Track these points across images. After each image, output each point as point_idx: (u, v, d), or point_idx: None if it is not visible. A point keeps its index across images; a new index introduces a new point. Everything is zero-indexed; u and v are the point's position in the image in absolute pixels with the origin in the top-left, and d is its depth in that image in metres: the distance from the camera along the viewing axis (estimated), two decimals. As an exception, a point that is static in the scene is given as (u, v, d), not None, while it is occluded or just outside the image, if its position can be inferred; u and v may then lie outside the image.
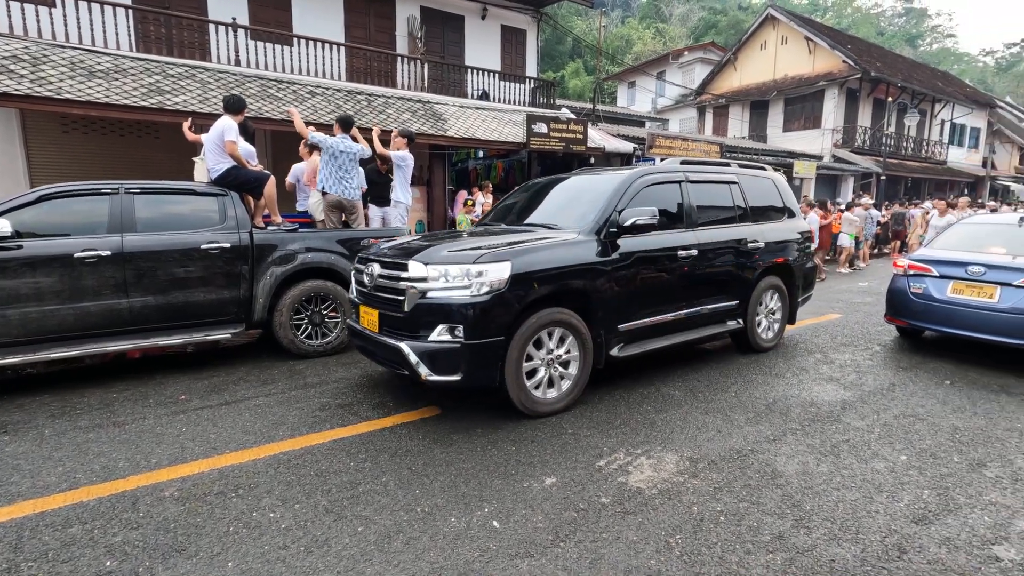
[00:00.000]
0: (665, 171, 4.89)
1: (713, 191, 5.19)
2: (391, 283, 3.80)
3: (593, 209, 4.27)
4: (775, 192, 5.87)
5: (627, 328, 4.25)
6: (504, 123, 13.08)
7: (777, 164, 18.44)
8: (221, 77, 10.15)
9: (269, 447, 3.40)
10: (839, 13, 53.70)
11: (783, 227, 5.70)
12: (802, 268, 5.89)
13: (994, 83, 49.65)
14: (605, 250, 4.08)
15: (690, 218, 4.82)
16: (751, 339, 5.38)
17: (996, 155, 31.06)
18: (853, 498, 2.88)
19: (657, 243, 4.45)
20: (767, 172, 5.94)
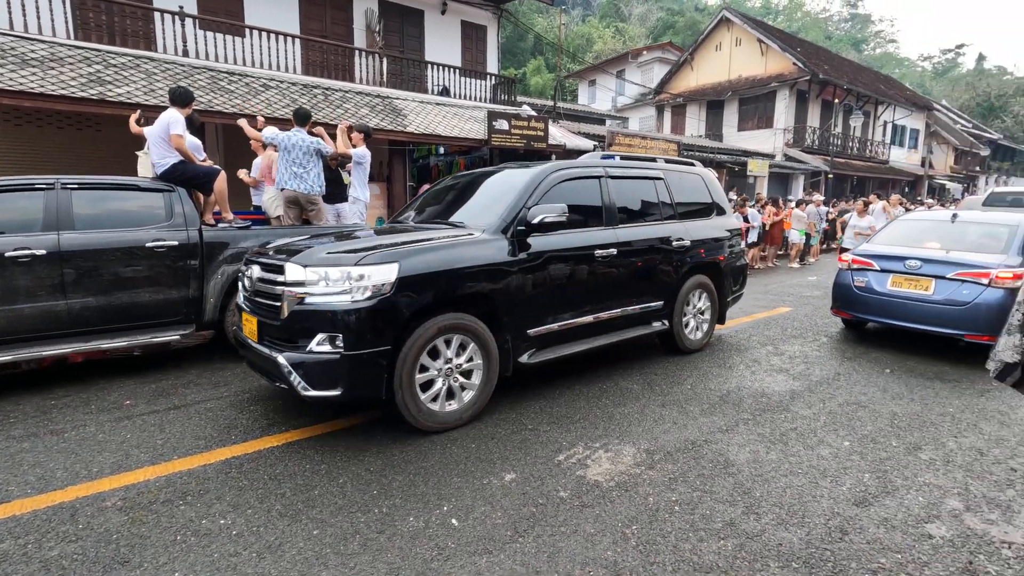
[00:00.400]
0: (582, 166, 4.69)
1: (636, 187, 4.99)
2: (269, 287, 3.48)
3: (501, 206, 4.00)
4: (703, 188, 5.71)
5: (538, 333, 4.00)
6: (465, 119, 13.02)
7: (733, 163, 19.02)
8: (168, 68, 9.74)
9: (220, 452, 3.29)
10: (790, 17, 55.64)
11: (711, 225, 5.56)
12: (732, 267, 5.76)
13: (931, 87, 52.43)
14: (513, 250, 3.81)
15: (610, 215, 4.60)
16: (678, 340, 5.22)
17: (933, 155, 32.86)
18: (800, 483, 3.00)
19: (572, 242, 4.22)
20: (695, 168, 5.82)
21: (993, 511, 2.78)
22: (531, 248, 3.92)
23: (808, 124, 23.98)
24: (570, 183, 4.41)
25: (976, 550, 2.47)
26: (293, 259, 3.37)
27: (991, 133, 38.78)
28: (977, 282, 5.06)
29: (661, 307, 4.99)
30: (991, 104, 44.83)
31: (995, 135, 38.98)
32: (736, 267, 5.87)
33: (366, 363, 3.21)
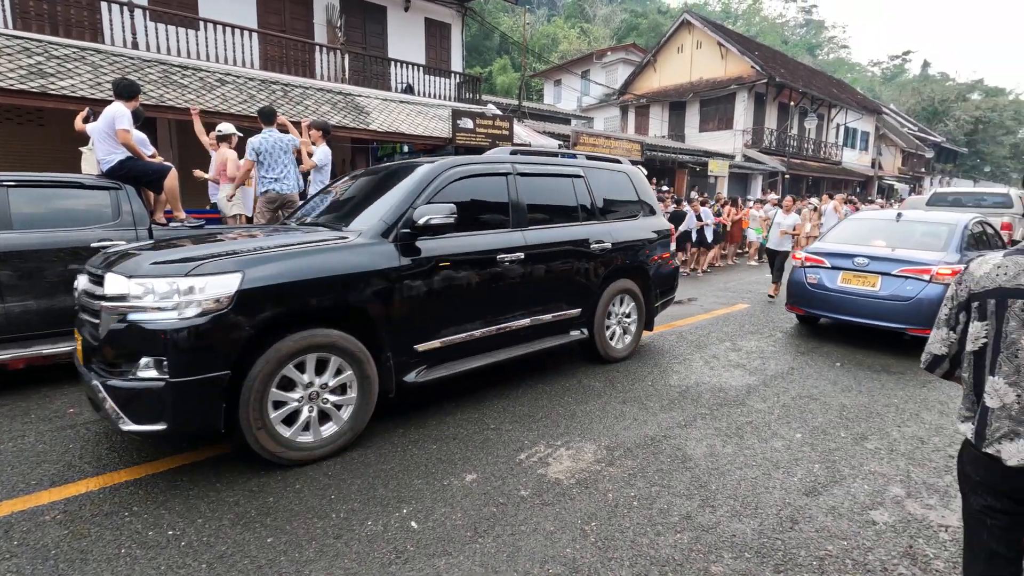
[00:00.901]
0: (485, 162, 4.28)
1: (551, 185, 4.66)
2: (92, 301, 3.00)
3: (386, 207, 3.61)
4: (629, 187, 5.38)
5: (428, 348, 3.61)
6: (429, 117, 12.91)
7: (694, 163, 19.43)
8: (116, 60, 9.33)
9: (170, 460, 3.17)
10: (748, 21, 57.17)
11: (637, 226, 5.25)
12: (660, 271, 5.45)
13: (880, 91, 54.70)
14: (396, 255, 3.40)
15: (518, 216, 4.22)
16: (600, 349, 4.91)
17: (882, 157, 34.33)
18: (753, 476, 3.09)
19: (470, 246, 3.84)
20: (621, 165, 5.48)
21: (932, 496, 2.92)
22: (421, 253, 3.52)
23: (766, 126, 24.70)
24: (469, 181, 4.03)
25: (916, 534, 2.59)
26: (114, 269, 2.90)
27: (935, 136, 40.75)
28: (919, 278, 5.31)
29: (579, 315, 4.65)
30: (935, 109, 47.11)
31: (939, 138, 40.98)
32: (665, 271, 5.56)
33: (197, 391, 2.75)
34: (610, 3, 50.12)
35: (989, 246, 6.12)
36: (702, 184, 19.77)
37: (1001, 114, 45.76)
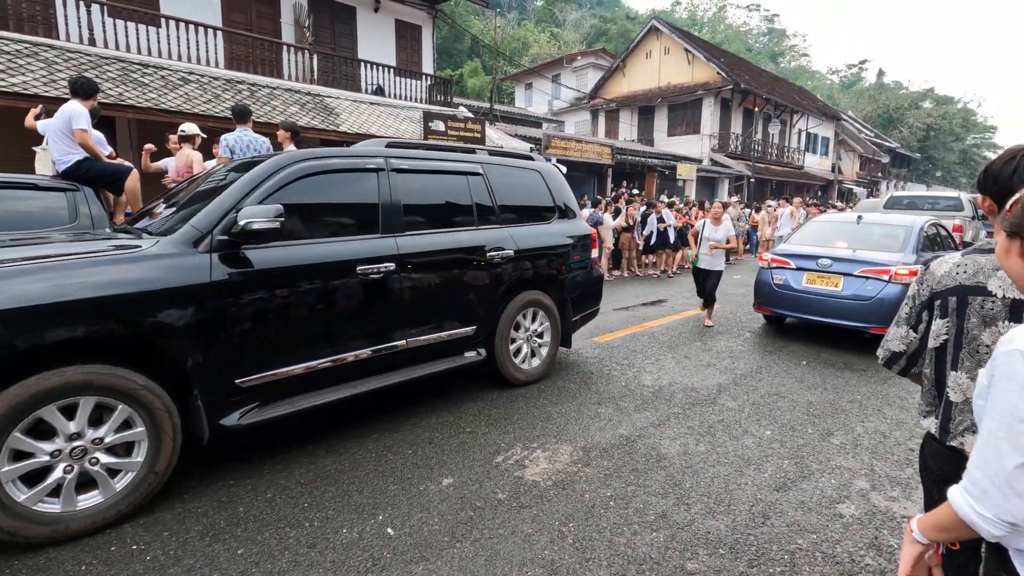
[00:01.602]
0: (349, 155, 3.63)
1: (438, 184, 4.07)
2: None
3: (204, 208, 2.97)
4: (542, 188, 4.82)
5: (258, 383, 2.95)
6: (401, 119, 12.81)
7: (663, 166, 19.76)
8: (71, 57, 8.97)
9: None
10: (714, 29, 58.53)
11: (549, 231, 4.71)
12: (578, 280, 4.92)
13: (839, 99, 56.68)
14: (206, 269, 2.75)
15: (391, 220, 3.59)
16: (503, 371, 4.36)
17: (842, 161, 35.57)
18: (726, 473, 3.15)
19: (319, 255, 3.21)
20: (533, 163, 4.95)
21: (895, 488, 3.03)
22: (250, 265, 2.91)
23: (732, 131, 25.30)
24: (324, 177, 3.38)
25: (881, 526, 2.67)
26: None
27: (890, 142, 42.43)
28: (879, 279, 5.51)
29: (474, 333, 4.08)
30: (890, 116, 49.07)
31: (894, 144, 42.68)
32: (586, 281, 5.03)
33: None
34: (580, 8, 50.68)
35: (942, 247, 6.39)
36: (671, 187, 20.12)
37: (951, 122, 47.96)
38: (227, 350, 2.84)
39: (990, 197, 1.47)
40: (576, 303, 4.94)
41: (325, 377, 3.27)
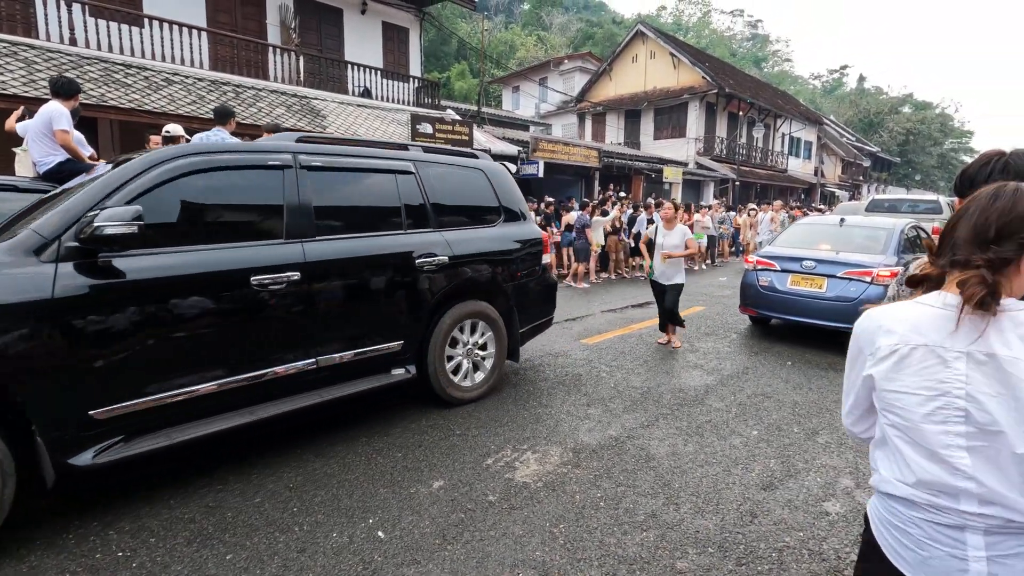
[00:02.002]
0: (248, 151, 3.22)
1: (359, 184, 3.68)
2: None
3: (54, 211, 2.59)
4: (486, 187, 4.46)
5: (118, 414, 2.56)
6: (388, 122, 12.77)
7: (650, 170, 19.91)
8: (52, 57, 8.83)
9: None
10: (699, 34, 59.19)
11: (493, 235, 4.34)
12: (527, 288, 4.55)
13: (821, 103, 57.56)
14: (48, 281, 2.36)
15: (298, 224, 3.21)
16: (437, 389, 3.96)
17: (824, 165, 36.12)
18: (714, 473, 3.18)
19: (204, 264, 2.82)
20: (476, 160, 4.55)
21: (879, 486, 3.08)
22: (117, 276, 2.54)
23: (717, 134, 25.58)
24: (213, 176, 2.98)
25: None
26: None
27: (871, 146, 43.19)
28: (862, 280, 5.60)
29: (401, 348, 3.71)
30: (870, 120, 49.95)
31: (874, 148, 43.45)
32: (535, 288, 4.65)
33: None
34: (566, 12, 50.97)
35: (923, 249, 6.52)
36: (657, 190, 20.28)
37: (929, 127, 48.96)
38: (77, 377, 2.44)
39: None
40: (524, 313, 4.56)
41: (212, 404, 2.88)
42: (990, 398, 1.01)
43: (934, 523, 1.09)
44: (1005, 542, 1.04)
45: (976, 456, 1.03)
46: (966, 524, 1.06)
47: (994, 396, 1.01)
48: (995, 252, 1.03)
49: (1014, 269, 1.04)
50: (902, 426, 1.11)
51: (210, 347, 2.86)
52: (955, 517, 1.07)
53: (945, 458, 1.06)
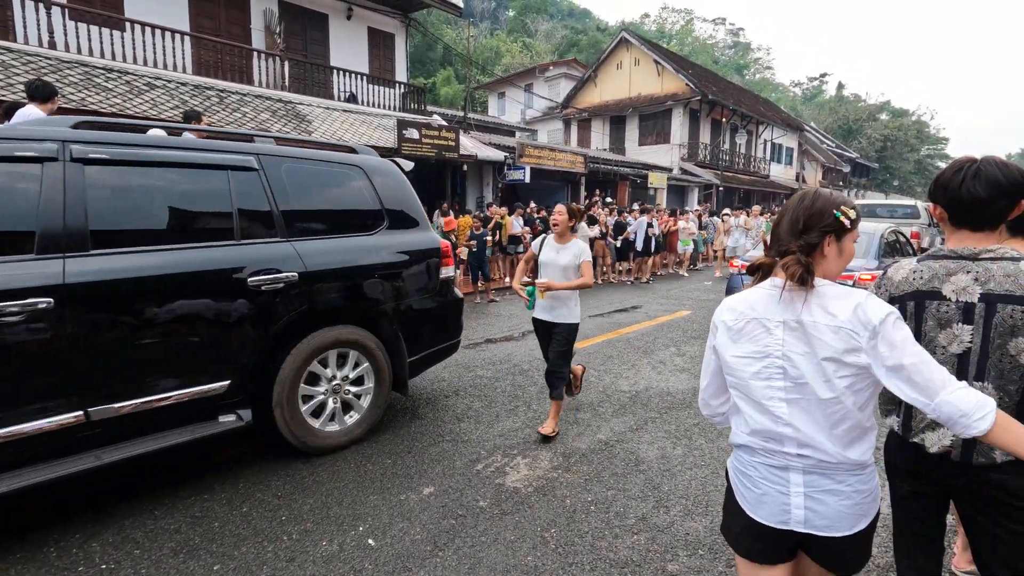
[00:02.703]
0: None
1: (170, 183, 2.91)
2: None
3: None
4: (363, 189, 3.68)
5: None
6: (374, 127, 12.73)
7: (635, 175, 20.08)
8: (30, 61, 8.67)
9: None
10: (682, 41, 59.96)
11: (368, 245, 3.56)
12: (419, 308, 3.79)
13: (802, 110, 58.59)
14: None
15: (59, 234, 2.50)
16: (290, 437, 3.20)
17: (806, 171, 36.73)
18: (703, 475, 3.21)
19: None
20: (354, 156, 3.79)
21: (863, 486, 3.13)
22: None
23: (700, 140, 25.89)
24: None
25: (851, 523, 2.76)
26: None
27: (850, 152, 44.02)
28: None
29: (227, 390, 2.97)
30: (849, 127, 50.94)
31: (853, 154, 44.28)
32: (432, 308, 3.89)
33: None
34: (551, 19, 51.34)
35: (902, 253, 6.65)
36: (643, 196, 20.46)
37: (906, 133, 50.07)
38: None
39: (940, 205, 1.56)
40: (418, 338, 3.82)
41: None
42: (799, 356, 1.28)
43: (767, 465, 1.35)
44: (818, 480, 1.29)
45: (792, 406, 1.30)
46: (789, 464, 1.32)
47: (801, 355, 1.28)
48: (804, 239, 1.32)
49: (819, 253, 1.33)
50: (739, 385, 1.39)
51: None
52: (781, 459, 1.33)
53: (769, 408, 1.32)
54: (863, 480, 1.30)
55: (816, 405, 1.28)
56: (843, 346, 1.24)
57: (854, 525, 1.30)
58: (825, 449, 1.28)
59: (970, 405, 1.15)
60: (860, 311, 1.24)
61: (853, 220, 1.37)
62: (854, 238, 1.38)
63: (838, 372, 1.25)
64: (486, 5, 55.94)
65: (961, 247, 1.51)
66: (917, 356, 1.19)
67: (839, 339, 1.24)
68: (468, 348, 5.98)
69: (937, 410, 1.18)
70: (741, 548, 1.45)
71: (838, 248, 1.36)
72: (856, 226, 1.38)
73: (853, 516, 1.29)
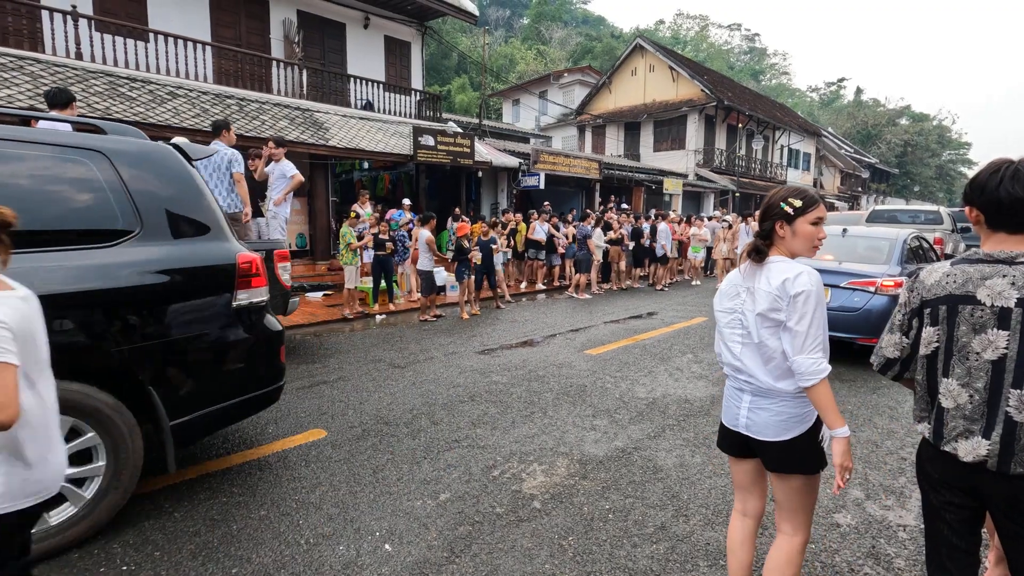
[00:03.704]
0: None
1: None
2: None
3: None
4: (100, 184, 2.62)
5: None
6: (390, 134, 12.84)
7: (651, 181, 19.99)
8: (58, 71, 8.90)
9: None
10: (696, 47, 59.74)
11: (92, 263, 2.50)
12: (193, 348, 2.79)
13: (819, 115, 57.97)
14: None
15: None
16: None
17: (823, 177, 36.28)
18: (723, 484, 3.15)
19: None
20: (91, 139, 2.71)
21: (889, 497, 3.05)
22: None
23: (716, 146, 25.72)
24: None
25: (877, 535, 2.69)
26: None
27: (869, 158, 43.41)
28: (865, 290, 5.60)
29: None
30: (868, 132, 50.27)
31: (873, 160, 43.67)
32: (217, 348, 2.88)
33: None
34: (565, 26, 51.48)
35: (925, 259, 6.52)
36: (657, 202, 20.35)
37: (927, 138, 49.28)
38: None
39: (976, 207, 1.51)
40: (200, 389, 2.84)
41: None
42: (749, 312, 1.81)
43: (732, 387, 1.94)
44: (758, 401, 1.83)
45: (744, 348, 1.84)
46: (742, 387, 1.88)
47: (750, 311, 1.80)
48: (762, 226, 1.83)
49: (776, 236, 1.80)
50: (720, 331, 1.94)
51: None
52: (737, 383, 1.90)
53: (731, 348, 1.88)
54: (790, 406, 1.77)
55: (755, 348, 1.80)
56: (768, 306, 1.73)
57: (779, 435, 1.78)
58: (760, 378, 1.80)
59: (807, 367, 1.67)
60: (787, 284, 1.70)
61: (797, 208, 1.76)
62: (808, 221, 1.76)
63: (763, 323, 1.76)
64: (501, 13, 56.31)
65: (997, 250, 1.47)
66: (804, 326, 1.67)
67: (768, 301, 1.73)
68: (482, 354, 5.97)
69: (793, 363, 1.69)
70: (721, 445, 2.05)
71: (791, 230, 1.77)
72: (806, 212, 1.76)
73: (778, 427, 1.78)
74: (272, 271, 5.48)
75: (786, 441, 1.77)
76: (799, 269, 1.72)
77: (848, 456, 1.70)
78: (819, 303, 1.70)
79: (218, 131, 5.80)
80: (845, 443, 1.69)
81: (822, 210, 1.80)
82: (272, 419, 4.01)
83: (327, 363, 5.57)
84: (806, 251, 1.79)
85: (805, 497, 1.85)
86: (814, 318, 1.67)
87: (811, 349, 1.67)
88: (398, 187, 15.15)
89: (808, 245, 1.77)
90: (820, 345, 1.69)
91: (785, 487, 1.85)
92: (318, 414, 4.12)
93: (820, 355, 1.68)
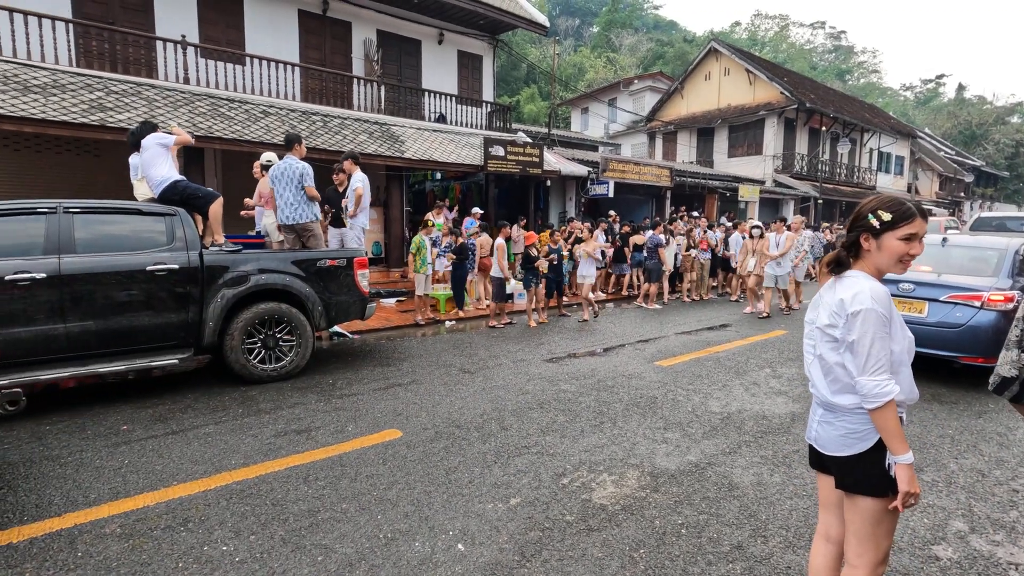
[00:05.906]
0: None
1: None
2: None
3: None
4: None
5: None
6: (461, 146, 13.20)
7: (724, 188, 19.30)
8: (169, 95, 9.85)
9: (220, 477, 3.25)
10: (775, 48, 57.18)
11: None
12: None
13: (914, 116, 53.76)
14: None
15: None
16: None
17: (919, 181, 33.54)
18: (805, 506, 3.00)
19: None
20: None
21: (998, 532, 2.79)
22: None
23: (796, 151, 24.45)
24: None
25: (984, 572, 2.47)
26: None
27: (973, 160, 39.66)
28: (970, 304, 5.14)
29: None
30: (973, 132, 45.94)
31: (977, 162, 39.87)
32: None
33: None
34: (636, 33, 50.83)
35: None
36: (733, 209, 19.60)
37: (1043, 137, 44.40)
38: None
39: None
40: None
41: None
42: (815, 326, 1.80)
43: (813, 399, 1.89)
44: (825, 414, 1.80)
45: (813, 360, 1.83)
46: (815, 400, 1.87)
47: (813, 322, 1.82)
48: (847, 237, 1.76)
49: (862, 249, 1.71)
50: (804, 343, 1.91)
51: None
52: (815, 396, 1.86)
53: (806, 361, 1.88)
54: (849, 421, 1.72)
55: (818, 360, 1.79)
56: (828, 321, 1.72)
57: (840, 450, 1.74)
58: (820, 391, 1.79)
59: (869, 389, 1.60)
60: (846, 302, 1.66)
61: (885, 221, 1.64)
62: (898, 236, 1.64)
63: (823, 337, 1.75)
64: (570, 23, 56.48)
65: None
66: (863, 347, 1.61)
67: (828, 316, 1.72)
68: (550, 362, 5.99)
69: (856, 383, 1.64)
70: (810, 460, 1.98)
71: (876, 244, 1.67)
72: (896, 227, 1.63)
73: (839, 442, 1.75)
74: (352, 278, 5.79)
75: (848, 457, 1.73)
76: (862, 286, 1.64)
77: (914, 483, 1.62)
78: (881, 323, 1.60)
79: (290, 145, 6.18)
80: (909, 470, 1.62)
81: (918, 225, 1.63)
82: (351, 418, 4.23)
83: (401, 367, 5.78)
84: (893, 268, 1.68)
85: (872, 527, 1.71)
86: (874, 339, 1.59)
87: (873, 370, 1.59)
88: (468, 196, 15.52)
89: (894, 261, 1.66)
90: (884, 366, 1.60)
91: (853, 509, 1.75)
92: (393, 415, 4.29)
93: (884, 377, 1.59)
